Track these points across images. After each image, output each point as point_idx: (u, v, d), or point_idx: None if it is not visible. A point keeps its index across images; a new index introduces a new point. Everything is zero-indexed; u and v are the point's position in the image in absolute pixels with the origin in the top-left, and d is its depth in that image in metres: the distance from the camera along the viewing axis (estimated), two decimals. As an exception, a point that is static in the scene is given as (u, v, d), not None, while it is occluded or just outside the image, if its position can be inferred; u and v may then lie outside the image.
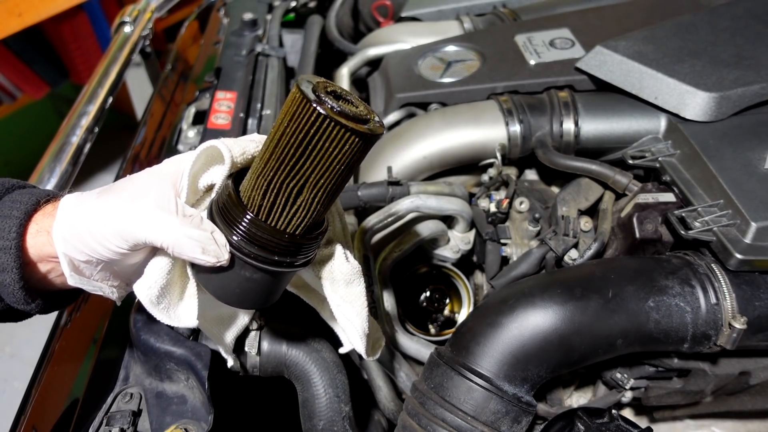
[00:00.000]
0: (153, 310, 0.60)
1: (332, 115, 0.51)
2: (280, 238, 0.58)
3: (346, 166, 0.55)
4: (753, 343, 0.80)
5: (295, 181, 0.55)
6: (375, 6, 1.68)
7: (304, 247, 0.60)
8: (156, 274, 0.60)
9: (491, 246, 1.02)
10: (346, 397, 0.82)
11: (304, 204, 0.57)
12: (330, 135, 0.52)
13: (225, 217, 0.59)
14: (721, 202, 0.85)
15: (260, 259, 0.58)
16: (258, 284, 0.61)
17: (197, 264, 0.60)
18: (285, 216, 0.57)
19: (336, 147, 0.53)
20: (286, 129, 0.53)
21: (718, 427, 1.14)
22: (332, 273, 0.67)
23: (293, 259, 0.60)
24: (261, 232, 0.57)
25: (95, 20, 3.03)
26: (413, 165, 1.11)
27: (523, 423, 0.73)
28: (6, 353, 2.42)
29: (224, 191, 0.60)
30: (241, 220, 0.58)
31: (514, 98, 1.12)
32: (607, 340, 0.76)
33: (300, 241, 0.59)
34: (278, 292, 0.66)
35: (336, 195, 0.59)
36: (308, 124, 0.51)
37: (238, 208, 0.58)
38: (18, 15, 2.36)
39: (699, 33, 1.10)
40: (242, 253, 0.58)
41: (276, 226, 0.58)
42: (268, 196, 0.56)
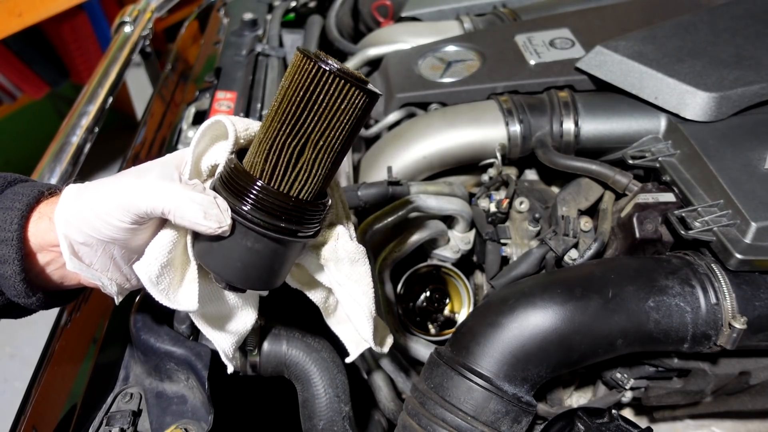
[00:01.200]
0: (152, 290, 0.58)
1: (342, 74, 0.52)
2: (283, 201, 0.56)
3: (348, 124, 0.55)
4: (753, 343, 0.80)
5: (297, 140, 0.54)
6: (375, 6, 1.68)
7: (309, 213, 0.58)
8: (157, 251, 0.59)
9: (491, 246, 1.02)
10: (346, 397, 0.82)
11: (307, 165, 0.56)
12: (334, 91, 0.52)
13: (228, 185, 0.58)
14: (721, 202, 0.85)
15: (263, 225, 0.56)
16: (261, 257, 0.59)
17: (199, 238, 0.59)
18: (287, 178, 0.56)
19: (339, 103, 0.53)
20: (289, 90, 0.53)
21: (718, 427, 1.14)
22: (336, 252, 0.65)
23: (297, 227, 0.58)
24: (264, 194, 0.56)
25: (95, 20, 3.03)
26: (413, 165, 1.11)
27: (523, 423, 0.73)
28: (6, 353, 2.42)
29: (228, 163, 0.59)
30: (244, 185, 0.57)
31: (514, 98, 1.12)
32: (607, 340, 0.76)
33: (304, 205, 0.58)
34: (282, 270, 0.62)
35: (338, 160, 0.58)
36: (312, 82, 0.52)
37: (241, 175, 0.57)
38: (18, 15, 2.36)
39: (699, 33, 1.10)
40: (244, 219, 0.57)
41: (279, 189, 0.56)
42: (271, 157, 0.55)
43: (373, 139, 1.27)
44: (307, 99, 0.53)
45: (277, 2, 1.74)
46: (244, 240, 0.58)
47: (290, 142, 0.55)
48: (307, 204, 0.58)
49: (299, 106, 0.53)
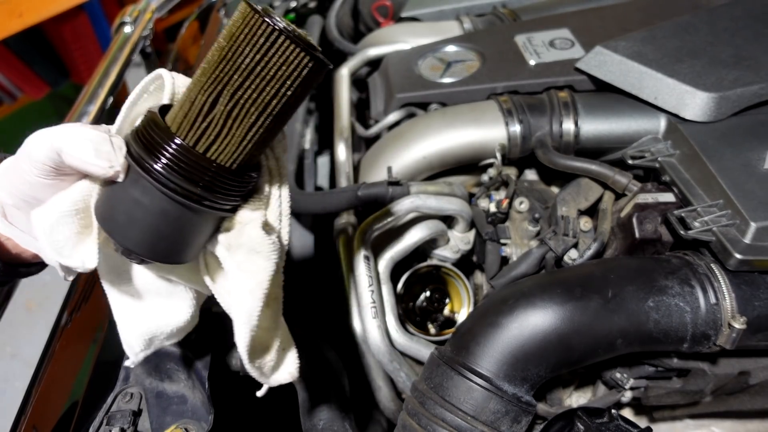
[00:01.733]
0: (44, 241, 0.53)
1: (286, 33, 0.46)
2: (188, 156, 0.50)
3: (292, 91, 0.49)
4: (752, 343, 0.81)
5: (226, 98, 0.49)
6: (375, 6, 1.68)
7: (219, 180, 0.51)
8: (57, 199, 0.54)
9: (491, 246, 1.02)
10: (346, 397, 0.82)
11: (231, 127, 0.50)
12: (278, 51, 0.47)
13: (138, 134, 0.52)
14: (721, 202, 0.85)
15: (156, 176, 0.50)
16: (147, 212, 0.51)
17: (102, 190, 0.54)
18: (205, 137, 0.50)
19: (283, 65, 0.48)
20: (228, 43, 0.48)
21: (717, 427, 1.14)
22: (239, 238, 0.55)
23: (193, 187, 0.50)
24: (168, 145, 0.50)
25: (95, 20, 3.04)
26: (413, 165, 1.12)
27: (523, 423, 0.73)
28: (6, 353, 2.43)
29: (146, 114, 0.53)
30: (151, 134, 0.51)
31: (514, 98, 1.12)
32: (607, 339, 0.76)
33: (213, 168, 0.50)
34: (175, 241, 0.54)
35: (274, 130, 0.52)
36: (255, 38, 0.47)
37: (150, 124, 0.51)
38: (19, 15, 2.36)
39: (698, 33, 1.10)
40: (137, 164, 0.50)
41: (191, 146, 0.50)
42: (191, 111, 0.50)
43: (373, 139, 1.27)
44: (246, 56, 0.47)
45: (277, 2, 1.74)
46: (133, 189, 0.51)
47: (218, 97, 0.49)
48: (219, 168, 0.51)
49: (236, 62, 0.48)
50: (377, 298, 0.93)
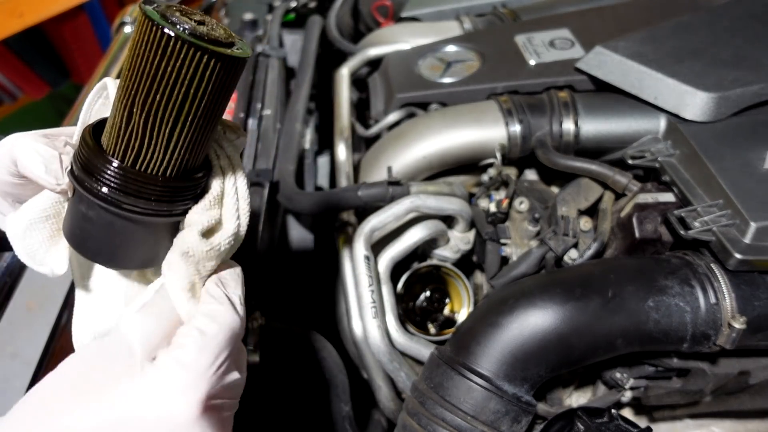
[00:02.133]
0: (17, 246, 0.55)
1: (182, 35, 0.44)
2: (111, 169, 0.50)
3: (205, 91, 0.48)
4: (752, 343, 0.81)
5: (140, 110, 0.48)
6: (375, 6, 1.68)
7: (140, 186, 0.51)
8: (28, 206, 0.56)
9: (491, 246, 1.02)
10: (346, 397, 0.82)
11: (156, 139, 0.49)
12: (180, 56, 0.45)
13: (77, 156, 0.53)
14: (721, 202, 0.85)
15: (89, 189, 0.51)
16: (94, 225, 0.53)
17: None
18: (131, 151, 0.50)
19: (189, 69, 0.46)
20: (135, 54, 0.46)
21: (717, 427, 1.14)
22: (178, 240, 0.55)
23: (125, 199, 0.50)
24: (94, 157, 0.51)
25: (96, 20, 3.04)
26: (413, 165, 1.12)
27: (523, 423, 0.73)
28: (6, 353, 2.43)
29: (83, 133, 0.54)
30: (82, 151, 0.51)
31: (514, 98, 1.12)
32: (607, 339, 0.76)
33: (136, 176, 0.50)
34: (125, 248, 0.55)
35: (201, 133, 0.51)
36: (154, 46, 0.45)
37: (82, 142, 0.52)
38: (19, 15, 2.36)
39: (698, 33, 1.10)
40: (76, 182, 0.52)
41: (119, 159, 0.50)
42: (114, 124, 0.50)
43: (373, 139, 1.27)
44: (147, 64, 0.46)
45: (277, 2, 1.74)
46: (80, 205, 0.53)
47: (132, 109, 0.48)
48: (147, 178, 0.51)
49: (140, 71, 0.47)
50: (377, 298, 0.93)
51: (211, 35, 0.47)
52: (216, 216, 0.57)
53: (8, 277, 1.05)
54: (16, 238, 0.55)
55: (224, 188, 0.58)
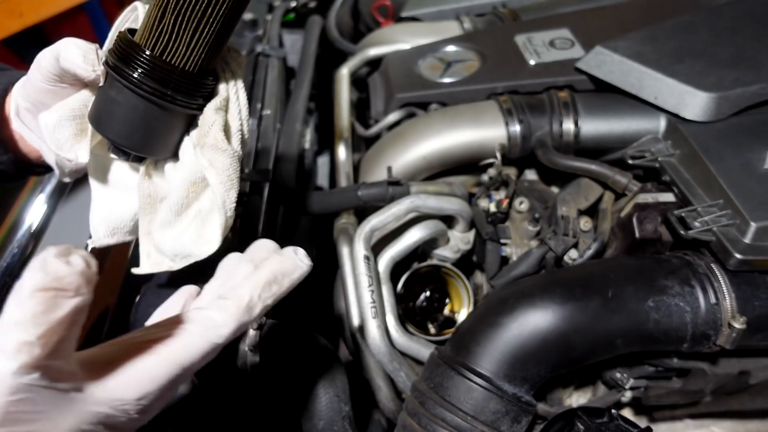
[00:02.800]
0: (48, 138, 0.66)
1: None
2: (151, 61, 0.61)
3: (225, 4, 0.59)
4: (752, 343, 0.81)
5: (175, 11, 0.59)
6: (375, 6, 1.68)
7: (177, 80, 0.62)
8: (61, 104, 0.66)
9: (491, 246, 1.02)
10: (346, 397, 0.82)
11: (183, 35, 0.61)
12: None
13: (114, 47, 0.64)
14: (721, 202, 0.85)
15: (125, 76, 0.62)
16: (120, 107, 0.63)
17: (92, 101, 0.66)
18: (163, 45, 0.61)
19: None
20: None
21: (717, 427, 1.14)
22: (206, 137, 0.67)
23: (150, 82, 0.62)
24: (134, 53, 0.62)
25: (95, 20, 3.04)
26: (413, 165, 1.12)
27: (523, 423, 0.73)
28: (6, 353, 2.42)
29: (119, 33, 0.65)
30: (121, 45, 0.63)
31: (514, 98, 1.12)
32: (607, 339, 0.76)
33: (172, 69, 0.62)
34: (143, 131, 0.65)
35: (218, 38, 0.62)
36: None
37: (121, 37, 0.63)
38: (19, 15, 2.36)
39: (698, 33, 1.10)
40: (111, 69, 0.63)
41: (154, 54, 0.62)
42: (150, 24, 0.61)
43: (373, 139, 1.27)
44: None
45: (277, 2, 1.74)
46: (110, 90, 0.64)
47: (165, 10, 0.59)
48: (168, 66, 0.62)
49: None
50: (377, 298, 0.93)
51: None
52: (223, 118, 0.68)
53: (8, 277, 1.05)
54: (48, 131, 0.66)
55: (229, 94, 0.69)
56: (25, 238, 1.11)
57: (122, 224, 0.76)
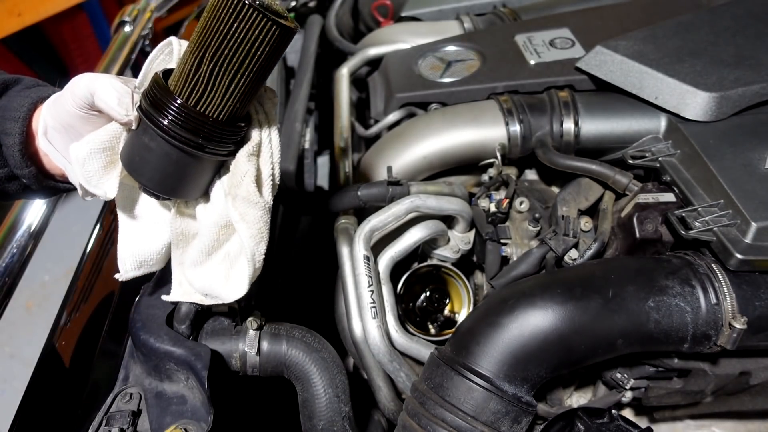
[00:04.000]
0: (78, 170, 0.66)
1: (254, 5, 0.56)
2: (182, 110, 0.62)
3: (263, 53, 0.60)
4: (753, 343, 0.80)
5: (210, 62, 0.59)
6: (375, 6, 1.68)
7: (199, 124, 0.62)
8: (92, 137, 0.66)
9: (491, 246, 1.01)
10: (346, 397, 0.82)
11: (216, 86, 0.61)
12: (249, 21, 0.57)
13: (147, 91, 0.64)
14: (722, 202, 0.85)
15: (157, 124, 0.62)
16: (154, 155, 0.64)
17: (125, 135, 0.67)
18: (196, 94, 0.61)
19: (254, 34, 0.58)
20: (212, 15, 0.58)
21: (718, 427, 1.14)
22: (238, 189, 0.67)
23: (184, 133, 0.62)
24: (166, 100, 0.62)
25: (95, 20, 3.03)
26: (413, 165, 1.11)
27: (523, 423, 0.73)
28: (6, 353, 2.42)
29: (152, 76, 0.66)
30: (155, 91, 0.63)
31: (514, 98, 1.12)
32: (607, 340, 0.76)
33: (203, 118, 0.62)
34: (176, 177, 0.66)
35: (252, 87, 0.63)
36: (230, 11, 0.57)
37: (155, 83, 0.64)
38: (18, 15, 2.36)
39: (699, 33, 1.10)
40: (144, 115, 0.63)
41: (186, 102, 0.62)
42: (184, 72, 0.61)
43: (373, 139, 1.27)
44: (221, 25, 0.57)
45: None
46: (144, 136, 0.64)
47: (202, 60, 0.60)
48: (204, 117, 0.62)
49: (214, 30, 0.58)
50: (377, 298, 0.93)
51: (273, 8, 0.58)
52: (255, 167, 0.68)
53: (8, 277, 1.05)
54: (78, 163, 0.66)
55: (261, 138, 0.69)
56: (25, 238, 1.11)
57: (150, 258, 0.76)
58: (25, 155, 0.73)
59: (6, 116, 0.72)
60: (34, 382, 0.88)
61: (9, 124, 0.71)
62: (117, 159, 0.68)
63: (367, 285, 0.93)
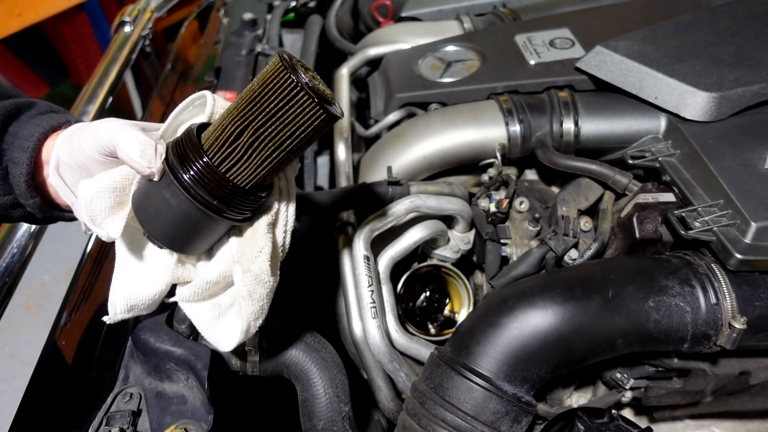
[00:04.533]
0: (84, 208, 0.64)
1: (306, 88, 0.55)
2: (209, 173, 0.60)
3: (305, 135, 0.59)
4: (753, 343, 0.80)
5: (250, 131, 0.58)
6: (375, 6, 1.68)
7: (236, 197, 0.62)
8: (102, 177, 0.65)
9: (491, 246, 1.02)
10: (346, 397, 0.82)
11: (249, 156, 0.60)
12: (297, 101, 0.56)
13: (176, 144, 0.63)
14: (721, 202, 0.85)
15: (182, 182, 0.61)
16: (172, 212, 0.63)
17: (141, 182, 0.66)
18: (228, 160, 0.60)
19: (299, 114, 0.57)
20: (259, 87, 0.57)
21: (717, 427, 1.14)
22: (252, 263, 0.65)
23: (211, 199, 0.61)
24: (196, 160, 0.61)
25: (95, 20, 3.03)
26: (413, 165, 1.11)
27: (523, 423, 0.73)
28: (6, 353, 2.43)
29: (187, 129, 0.64)
30: (185, 147, 0.62)
31: (514, 98, 1.12)
32: (607, 340, 0.76)
33: (230, 186, 0.61)
34: (189, 235, 0.65)
35: (282, 162, 0.61)
36: (283, 90, 0.56)
37: (186, 139, 0.62)
38: (18, 15, 2.36)
39: (699, 33, 1.10)
40: (170, 171, 0.62)
41: (216, 165, 0.61)
42: (221, 135, 0.60)
43: (373, 139, 1.27)
44: (271, 101, 0.57)
45: (277, 2, 1.74)
46: (165, 191, 0.63)
47: (243, 130, 0.59)
48: (234, 187, 0.61)
49: (262, 104, 0.57)
50: (377, 298, 0.93)
51: (321, 91, 0.58)
52: (271, 241, 0.66)
53: (8, 277, 1.05)
54: (84, 200, 0.64)
55: (279, 207, 0.69)
56: (25, 238, 1.11)
57: (141, 303, 0.75)
58: (31, 186, 0.71)
59: (15, 144, 0.71)
60: (35, 382, 0.88)
61: (17, 153, 0.70)
62: (126, 201, 0.67)
63: (367, 285, 0.93)
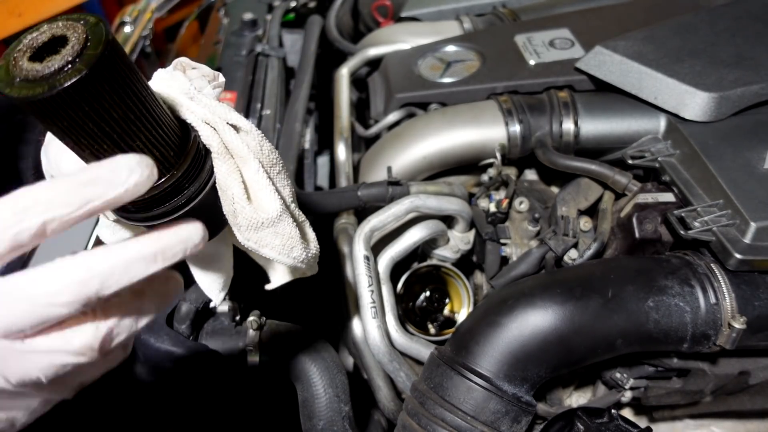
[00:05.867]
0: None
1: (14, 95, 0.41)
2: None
3: (81, 118, 0.44)
4: (752, 343, 0.81)
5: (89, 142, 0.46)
6: (375, 6, 1.68)
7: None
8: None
9: (491, 246, 1.02)
10: (346, 397, 0.82)
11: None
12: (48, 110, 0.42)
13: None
14: (721, 202, 0.85)
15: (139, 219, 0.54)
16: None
17: None
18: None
19: (51, 112, 0.42)
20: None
21: (717, 427, 1.14)
22: (235, 217, 0.56)
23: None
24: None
25: (95, 20, 3.02)
26: (413, 165, 1.11)
27: (523, 423, 0.73)
28: (6, 353, 2.42)
29: None
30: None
31: (514, 98, 1.12)
32: (607, 340, 0.76)
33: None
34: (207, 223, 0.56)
35: (116, 142, 0.47)
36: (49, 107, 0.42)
37: None
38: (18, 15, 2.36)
39: (699, 33, 1.10)
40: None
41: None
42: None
43: (373, 139, 1.27)
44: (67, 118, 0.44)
45: (277, 2, 1.74)
46: None
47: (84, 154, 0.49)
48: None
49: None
50: (377, 298, 0.93)
51: (36, 73, 0.42)
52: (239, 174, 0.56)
53: (8, 277, 1.05)
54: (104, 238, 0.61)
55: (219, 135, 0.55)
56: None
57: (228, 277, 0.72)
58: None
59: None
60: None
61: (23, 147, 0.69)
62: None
63: (367, 285, 0.93)
